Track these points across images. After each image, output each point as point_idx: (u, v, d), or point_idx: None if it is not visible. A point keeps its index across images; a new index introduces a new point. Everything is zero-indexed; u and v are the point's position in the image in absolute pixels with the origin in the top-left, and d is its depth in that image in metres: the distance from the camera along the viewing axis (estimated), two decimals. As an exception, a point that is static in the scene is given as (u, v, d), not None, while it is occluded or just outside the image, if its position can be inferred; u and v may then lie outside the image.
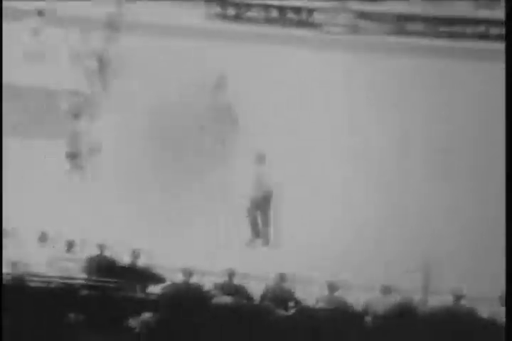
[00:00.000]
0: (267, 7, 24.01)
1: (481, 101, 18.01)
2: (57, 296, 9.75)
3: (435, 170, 15.64)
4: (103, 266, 10.79)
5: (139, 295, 10.64)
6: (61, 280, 10.21)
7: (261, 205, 12.98)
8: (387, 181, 15.04)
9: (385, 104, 17.70)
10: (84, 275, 10.69)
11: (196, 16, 23.64)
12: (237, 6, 24.23)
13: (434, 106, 17.99)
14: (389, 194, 14.62)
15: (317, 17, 23.51)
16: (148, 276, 10.91)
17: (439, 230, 13.49)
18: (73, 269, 10.72)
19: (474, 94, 18.50)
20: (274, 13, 24.04)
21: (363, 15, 23.02)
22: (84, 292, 10.13)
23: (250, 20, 24.06)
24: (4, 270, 10.47)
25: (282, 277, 10.66)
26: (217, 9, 24.17)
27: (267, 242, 13.19)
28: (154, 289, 10.79)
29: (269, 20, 23.93)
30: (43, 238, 11.00)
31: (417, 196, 14.66)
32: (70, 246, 10.91)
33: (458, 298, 9.92)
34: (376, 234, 13.28)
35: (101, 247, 10.95)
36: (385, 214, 13.90)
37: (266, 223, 13.14)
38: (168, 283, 10.74)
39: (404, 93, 18.60)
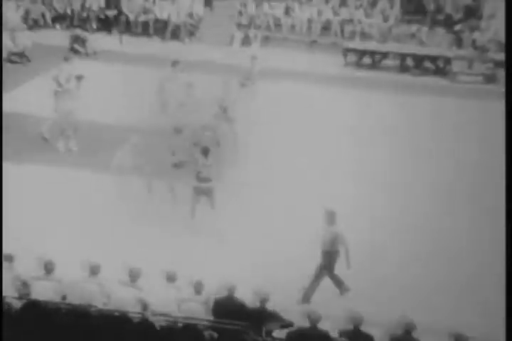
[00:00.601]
0: (403, 56, 23.97)
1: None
2: (183, 336, 9.84)
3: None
4: (231, 308, 10.79)
5: (265, 339, 10.62)
6: (186, 321, 10.28)
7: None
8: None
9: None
10: (210, 317, 10.74)
11: (334, 64, 23.87)
12: (373, 54, 24.31)
13: None
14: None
15: (454, 66, 23.29)
16: (275, 320, 10.86)
17: None
18: (199, 310, 10.79)
19: None
20: (410, 62, 23.97)
21: (501, 64, 22.62)
22: (209, 333, 10.18)
23: (386, 68, 24.07)
24: (132, 309, 10.69)
25: (409, 326, 10.37)
26: (354, 58, 24.31)
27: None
28: (280, 333, 10.77)
29: (404, 69, 23.86)
30: (171, 278, 11.09)
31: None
32: (198, 288, 10.93)
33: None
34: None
35: (230, 289, 10.94)
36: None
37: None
38: (294, 328, 10.68)
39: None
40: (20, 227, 13.99)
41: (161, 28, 26.11)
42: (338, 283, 12.72)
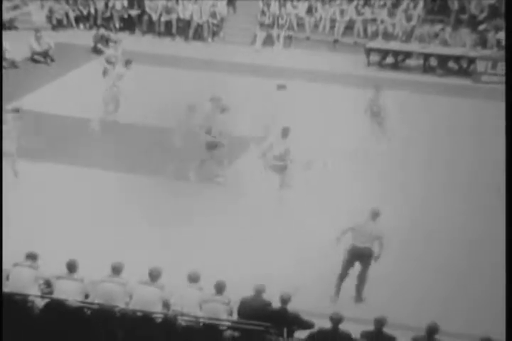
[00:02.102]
0: (426, 56, 23.86)
1: None
2: (204, 336, 9.86)
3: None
4: (255, 309, 10.79)
5: (286, 339, 10.61)
6: (209, 321, 10.29)
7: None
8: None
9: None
10: (232, 317, 10.75)
11: (356, 64, 23.80)
12: (396, 54, 24.21)
13: None
14: None
15: (478, 66, 23.14)
16: (297, 321, 10.85)
17: None
18: (221, 311, 10.79)
19: None
20: (433, 62, 23.84)
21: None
22: (230, 333, 10.19)
23: (409, 68, 23.97)
24: (154, 309, 10.72)
25: (432, 328, 10.33)
26: (377, 57, 24.22)
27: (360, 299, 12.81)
28: (301, 334, 10.75)
29: (427, 69, 23.75)
30: (193, 279, 11.09)
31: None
32: (220, 288, 10.93)
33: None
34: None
35: (258, 290, 10.91)
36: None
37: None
38: (316, 329, 10.67)
39: None
40: (44, 226, 14.08)
41: (183, 28, 26.13)
42: (360, 287, 12.70)
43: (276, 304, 10.84)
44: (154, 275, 10.93)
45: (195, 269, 11.09)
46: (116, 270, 11.06)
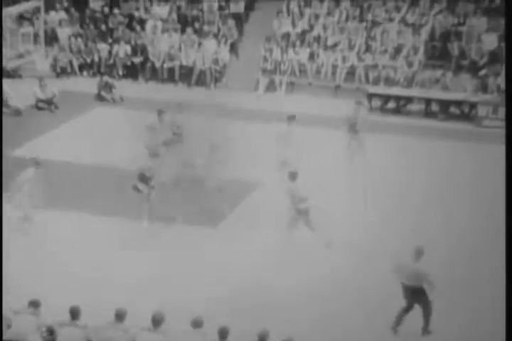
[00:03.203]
0: (428, 100, 24.00)
1: None
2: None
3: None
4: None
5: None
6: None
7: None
8: None
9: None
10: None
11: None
12: (397, 99, 24.36)
13: None
14: None
15: (479, 111, 23.27)
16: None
17: None
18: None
19: None
20: (435, 107, 23.99)
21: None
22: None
23: (411, 113, 24.10)
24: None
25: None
26: (378, 102, 24.38)
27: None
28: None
29: (429, 114, 23.87)
30: (196, 324, 11.02)
31: None
32: (224, 334, 10.86)
33: None
34: None
35: (261, 336, 10.78)
36: None
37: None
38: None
39: None
40: (45, 273, 14.05)
41: (186, 74, 26.37)
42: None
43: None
44: (157, 321, 10.87)
45: (199, 314, 11.03)
46: (120, 316, 11.00)
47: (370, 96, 24.33)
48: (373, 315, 13.23)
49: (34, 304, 11.23)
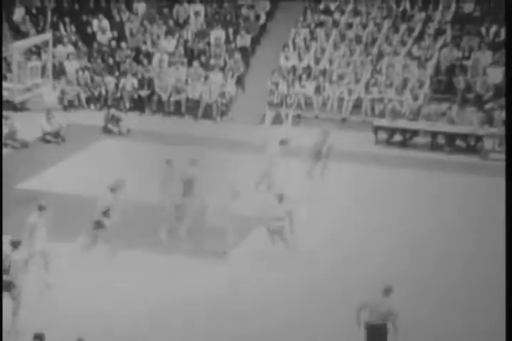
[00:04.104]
0: (434, 133, 24.04)
1: None
2: None
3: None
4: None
5: None
6: None
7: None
8: None
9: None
10: None
11: (364, 142, 23.97)
12: (403, 132, 24.40)
13: None
14: None
15: (486, 143, 23.30)
16: None
17: None
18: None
19: None
20: (441, 140, 24.01)
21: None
22: None
23: (417, 146, 24.13)
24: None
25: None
26: (384, 135, 24.42)
27: None
28: None
29: (435, 147, 23.89)
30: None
31: None
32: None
33: None
34: None
35: None
36: None
37: None
38: None
39: None
40: (51, 305, 14.04)
41: (193, 107, 26.49)
42: None
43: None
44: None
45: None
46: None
47: (376, 129, 24.39)
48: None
49: (39, 338, 11.20)
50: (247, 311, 14.24)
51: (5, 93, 24.60)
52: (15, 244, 13.46)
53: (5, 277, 13.07)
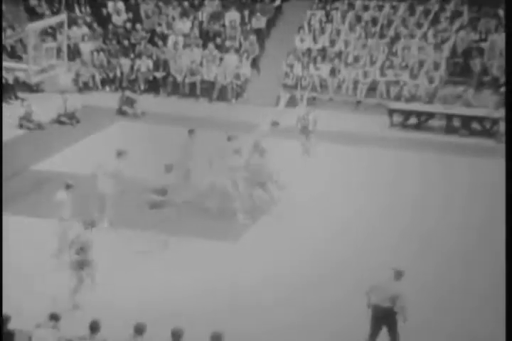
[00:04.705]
0: (449, 116, 23.94)
1: None
2: None
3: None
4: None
5: None
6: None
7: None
8: None
9: None
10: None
11: (379, 125, 23.90)
12: (419, 115, 24.32)
13: None
14: None
15: (501, 127, 23.18)
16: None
17: None
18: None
19: None
20: (456, 122, 23.91)
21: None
22: None
23: (432, 129, 24.04)
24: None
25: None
26: (399, 118, 24.34)
27: None
28: None
29: (451, 130, 23.79)
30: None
31: None
32: None
33: None
34: None
35: None
36: None
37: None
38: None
39: None
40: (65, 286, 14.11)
41: (207, 89, 26.47)
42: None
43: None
44: (176, 335, 10.88)
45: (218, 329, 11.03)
46: (139, 330, 11.01)
47: (391, 112, 24.31)
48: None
49: (54, 317, 11.27)
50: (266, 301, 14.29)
51: (21, 74, 24.66)
52: (92, 223, 13.82)
53: (77, 257, 13.48)
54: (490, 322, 13.11)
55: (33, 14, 28.28)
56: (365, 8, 27.81)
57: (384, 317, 12.34)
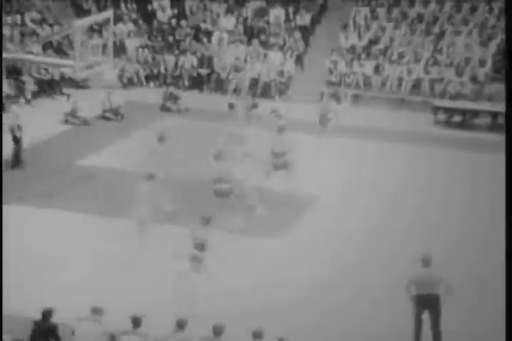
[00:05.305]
0: (494, 114, 23.73)
1: None
2: None
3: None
4: None
5: None
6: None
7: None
8: None
9: None
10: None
11: (423, 123, 23.78)
12: (463, 113, 24.14)
13: None
14: None
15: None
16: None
17: None
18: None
19: None
20: (501, 120, 23.69)
21: None
22: None
23: (477, 127, 23.86)
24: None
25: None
26: (444, 116, 24.18)
27: None
28: None
29: (495, 127, 23.57)
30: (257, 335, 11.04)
31: None
32: None
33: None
34: None
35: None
36: None
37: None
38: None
39: None
40: (110, 280, 14.25)
41: (251, 86, 26.51)
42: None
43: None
44: (217, 331, 10.95)
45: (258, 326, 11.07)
46: (181, 326, 11.10)
47: (436, 110, 24.17)
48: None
49: (97, 311, 11.39)
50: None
51: (67, 70, 24.92)
52: (207, 220, 14.02)
53: (199, 254, 13.68)
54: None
55: (80, 11, 28.56)
56: (411, 4, 27.66)
57: (430, 305, 12.40)
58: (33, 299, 13.08)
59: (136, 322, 11.13)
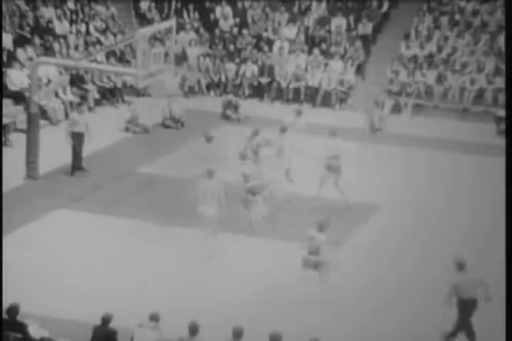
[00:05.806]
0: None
1: None
2: None
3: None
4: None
5: None
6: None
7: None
8: None
9: None
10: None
11: (486, 133, 23.51)
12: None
13: None
14: None
15: None
16: None
17: None
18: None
19: None
20: None
21: None
22: None
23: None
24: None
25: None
26: (502, 126, 23.86)
27: None
28: None
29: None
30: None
31: None
32: None
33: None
34: None
35: None
36: None
37: None
38: None
39: None
40: (167, 288, 14.31)
41: (311, 95, 26.48)
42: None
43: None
44: (237, 334, 10.95)
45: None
46: (237, 334, 11.08)
47: (499, 120, 23.86)
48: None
49: (155, 318, 11.45)
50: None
51: (129, 78, 25.18)
52: (322, 227, 13.96)
53: (316, 257, 13.76)
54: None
55: (143, 20, 28.85)
56: (475, 13, 27.37)
57: (472, 308, 12.47)
58: (91, 304, 13.20)
59: (194, 329, 11.14)
